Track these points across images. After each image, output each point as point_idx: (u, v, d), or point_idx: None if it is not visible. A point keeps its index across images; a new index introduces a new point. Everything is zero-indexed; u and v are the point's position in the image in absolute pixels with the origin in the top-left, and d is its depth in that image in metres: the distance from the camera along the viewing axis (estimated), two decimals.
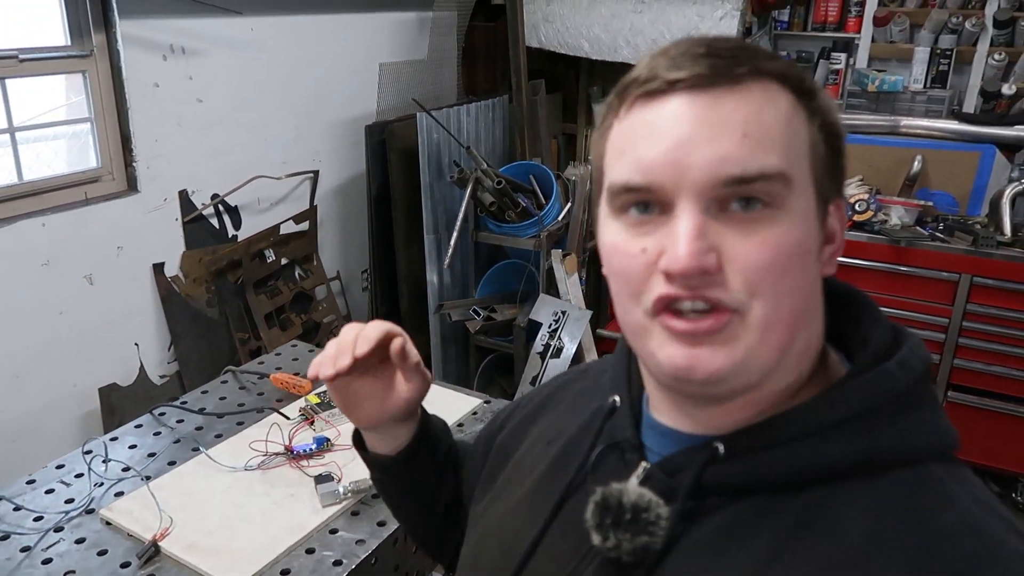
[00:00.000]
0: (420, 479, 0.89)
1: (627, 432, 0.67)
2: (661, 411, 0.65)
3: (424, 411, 0.90)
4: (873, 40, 3.46)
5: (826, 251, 0.59)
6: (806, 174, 0.56)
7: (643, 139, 0.56)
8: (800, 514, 0.55)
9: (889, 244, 2.96)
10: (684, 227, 0.54)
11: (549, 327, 2.99)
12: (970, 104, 3.29)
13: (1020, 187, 2.91)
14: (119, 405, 2.54)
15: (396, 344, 0.78)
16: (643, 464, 0.63)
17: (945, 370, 2.98)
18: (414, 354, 0.80)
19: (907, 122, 3.25)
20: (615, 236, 0.59)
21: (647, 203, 0.56)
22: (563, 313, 3.00)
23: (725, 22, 3.22)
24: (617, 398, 0.70)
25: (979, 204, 3.11)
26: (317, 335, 3.19)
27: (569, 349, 2.96)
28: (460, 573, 0.79)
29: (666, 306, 0.55)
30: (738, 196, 0.54)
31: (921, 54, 3.30)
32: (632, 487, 0.60)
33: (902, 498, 0.54)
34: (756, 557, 0.55)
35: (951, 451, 0.58)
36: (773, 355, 0.56)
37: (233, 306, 2.91)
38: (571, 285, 3.11)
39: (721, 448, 0.58)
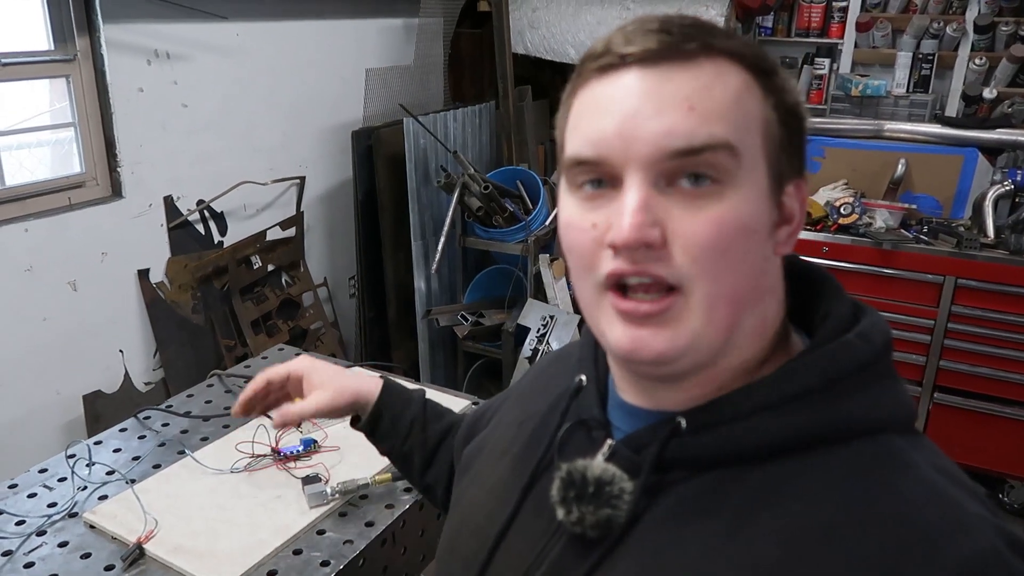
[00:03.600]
0: (390, 441, 1.03)
1: (593, 410, 0.68)
2: (625, 390, 0.66)
3: (390, 390, 1.03)
4: (856, 45, 3.50)
5: (782, 231, 0.60)
6: (757, 151, 0.56)
7: (594, 113, 0.57)
8: (763, 486, 0.56)
9: (874, 247, 2.98)
10: (630, 200, 0.54)
11: (537, 332, 2.99)
12: (952, 108, 3.33)
13: (1002, 189, 2.94)
14: (103, 412, 2.51)
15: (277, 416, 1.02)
16: (609, 441, 0.64)
17: (931, 372, 3.00)
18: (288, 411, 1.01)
19: (891, 126, 3.28)
20: (570, 211, 0.60)
21: (600, 178, 0.57)
22: (551, 318, 3.00)
23: None
24: (583, 377, 0.71)
25: (962, 207, 3.14)
26: (304, 342, 3.18)
27: (556, 350, 2.95)
28: (439, 557, 0.80)
29: (614, 283, 0.56)
30: (686, 171, 0.54)
31: (903, 59, 3.34)
32: (597, 463, 0.61)
33: (865, 469, 0.55)
34: (720, 528, 0.56)
35: (910, 422, 0.59)
36: (719, 334, 0.56)
37: (219, 313, 2.89)
38: (559, 290, 3.10)
39: (683, 423, 0.59)
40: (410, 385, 1.10)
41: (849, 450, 0.55)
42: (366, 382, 1.03)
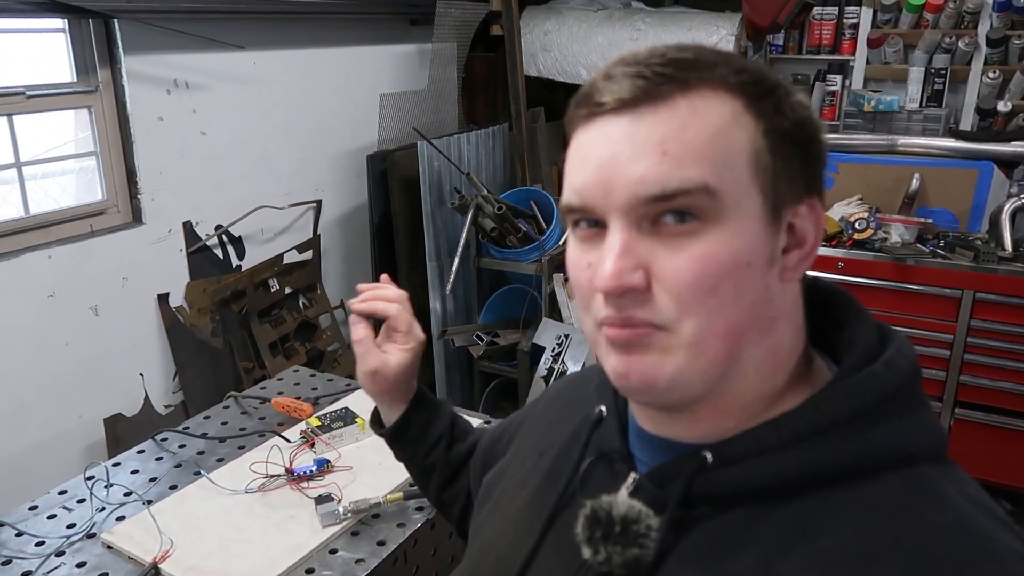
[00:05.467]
0: (412, 451, 1.03)
1: (615, 443, 0.67)
2: (645, 419, 0.65)
3: (423, 399, 1.03)
4: (868, 62, 3.49)
5: (792, 256, 0.58)
6: (746, 183, 0.55)
7: (578, 162, 0.58)
8: (792, 521, 0.55)
9: (891, 262, 2.96)
10: (610, 246, 0.55)
11: (552, 351, 2.99)
12: (967, 122, 3.31)
13: (1019, 202, 2.92)
14: (124, 435, 2.55)
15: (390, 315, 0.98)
16: (632, 475, 0.63)
17: (951, 387, 2.97)
18: (403, 323, 0.98)
19: (904, 141, 3.27)
20: (571, 250, 0.61)
21: (595, 219, 0.58)
22: (566, 337, 3.00)
23: (720, 47, 3.26)
24: (603, 408, 0.70)
25: (979, 220, 3.12)
26: (321, 363, 3.20)
27: (573, 373, 2.96)
28: None
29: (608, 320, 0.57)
30: (667, 211, 0.54)
31: (916, 74, 3.33)
32: (621, 499, 0.60)
33: (895, 500, 0.54)
34: (749, 565, 0.55)
35: (942, 451, 0.58)
36: (711, 369, 0.56)
37: (237, 335, 2.93)
38: (573, 309, 3.11)
39: (709, 457, 0.58)
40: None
41: (879, 482, 0.54)
42: (410, 383, 1.02)
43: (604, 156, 0.56)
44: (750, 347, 0.57)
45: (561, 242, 3.18)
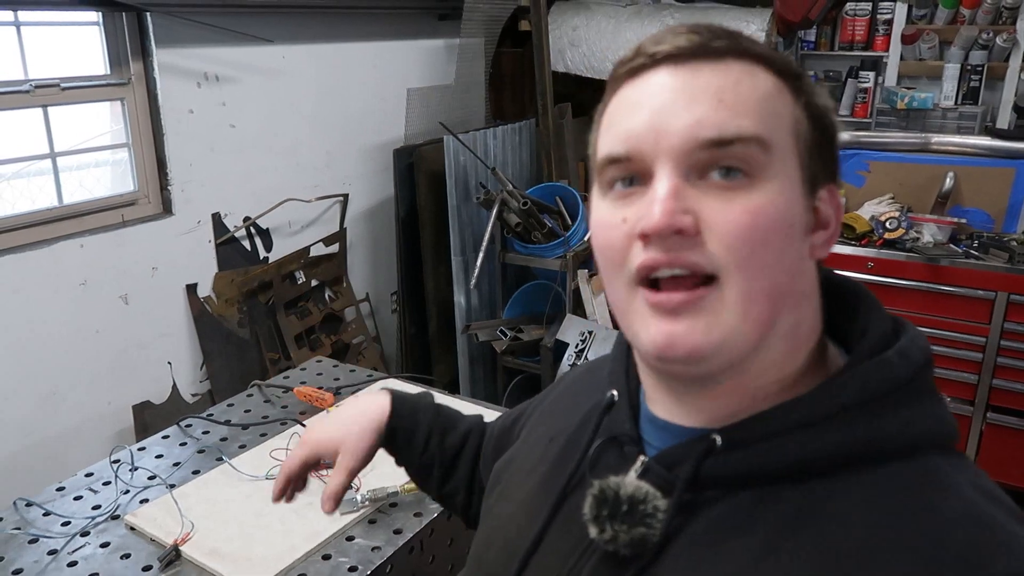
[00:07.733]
0: (407, 454, 1.00)
1: (625, 426, 0.67)
2: (657, 404, 0.65)
3: (399, 406, 0.98)
4: (902, 58, 3.44)
5: (819, 236, 0.59)
6: (788, 147, 0.56)
7: (626, 112, 0.58)
8: (799, 506, 0.55)
9: (922, 262, 2.91)
10: (660, 188, 0.54)
11: (576, 347, 2.98)
12: (1004, 120, 3.25)
13: None
14: (152, 422, 2.59)
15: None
16: (641, 457, 0.63)
17: (984, 391, 2.90)
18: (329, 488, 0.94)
19: (938, 139, 3.21)
20: (601, 212, 0.60)
21: (631, 178, 0.57)
22: (590, 333, 2.99)
23: None
24: (615, 392, 0.70)
25: (1015, 220, 3.05)
26: (346, 356, 3.23)
27: (586, 362, 2.94)
28: (468, 570, 0.79)
29: (645, 278, 0.56)
30: (717, 163, 0.54)
31: (951, 71, 3.27)
32: (630, 480, 0.60)
33: (903, 489, 0.53)
34: (755, 548, 0.54)
35: (951, 441, 0.57)
36: (754, 330, 0.55)
37: (264, 327, 2.96)
38: (598, 305, 3.10)
39: (719, 440, 0.58)
40: (414, 388, 1.08)
41: (887, 470, 0.54)
42: (374, 409, 0.97)
43: (657, 104, 0.56)
44: (783, 316, 0.57)
45: (586, 238, 3.16)
